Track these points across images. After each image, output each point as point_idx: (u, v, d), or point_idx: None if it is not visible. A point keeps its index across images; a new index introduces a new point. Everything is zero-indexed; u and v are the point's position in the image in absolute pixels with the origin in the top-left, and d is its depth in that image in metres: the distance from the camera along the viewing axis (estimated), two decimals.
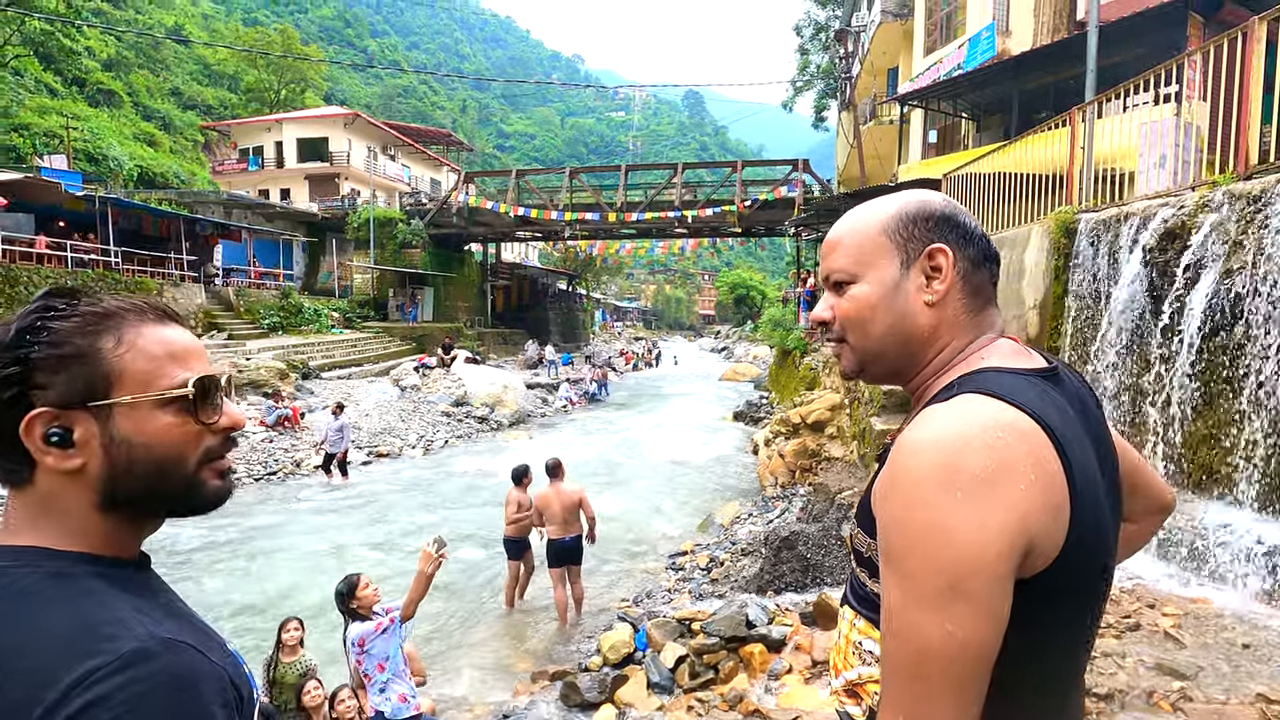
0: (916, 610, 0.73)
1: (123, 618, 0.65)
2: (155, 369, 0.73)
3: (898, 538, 0.76)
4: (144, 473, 0.72)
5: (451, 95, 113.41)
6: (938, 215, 0.90)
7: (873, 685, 0.88)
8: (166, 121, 38.08)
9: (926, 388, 0.91)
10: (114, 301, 0.75)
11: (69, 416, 0.70)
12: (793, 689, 3.99)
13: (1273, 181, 3.44)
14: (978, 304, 0.90)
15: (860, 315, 0.91)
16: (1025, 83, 12.15)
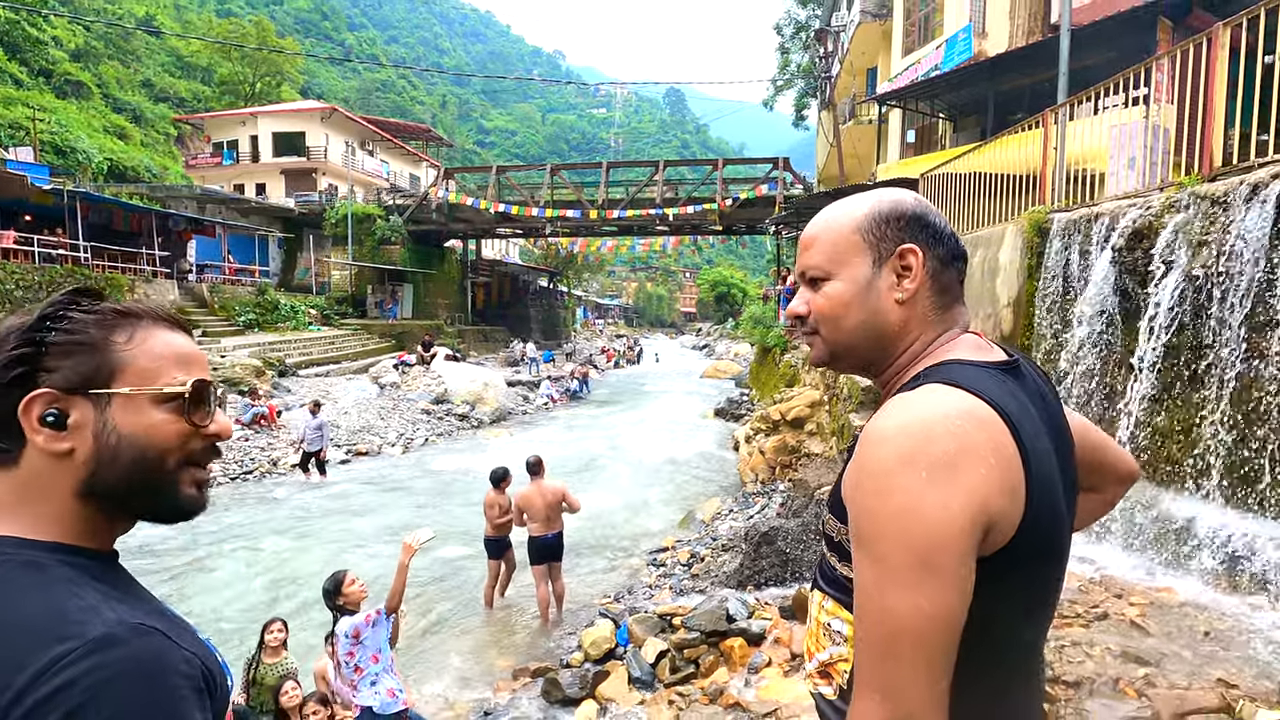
0: (889, 588, 0.76)
1: (93, 605, 0.66)
2: (158, 368, 0.76)
3: (869, 522, 0.79)
4: (126, 464, 0.74)
5: (431, 90, 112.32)
6: (909, 215, 0.93)
7: (842, 664, 0.92)
8: (137, 114, 37.28)
9: (895, 380, 0.95)
10: (136, 306, 0.79)
11: (68, 400, 0.72)
12: (772, 682, 4.04)
13: (1235, 183, 3.54)
14: (945, 301, 0.95)
15: (833, 311, 0.95)
16: (1001, 84, 12.34)
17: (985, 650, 0.82)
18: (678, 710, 4.05)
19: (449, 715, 4.66)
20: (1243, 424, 3.54)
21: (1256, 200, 3.34)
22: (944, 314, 0.94)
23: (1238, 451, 3.56)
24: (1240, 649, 2.79)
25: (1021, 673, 0.92)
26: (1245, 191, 3.42)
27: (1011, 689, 0.91)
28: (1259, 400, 3.45)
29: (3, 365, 0.72)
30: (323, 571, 6.83)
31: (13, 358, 0.72)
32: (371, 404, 16.02)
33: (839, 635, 0.93)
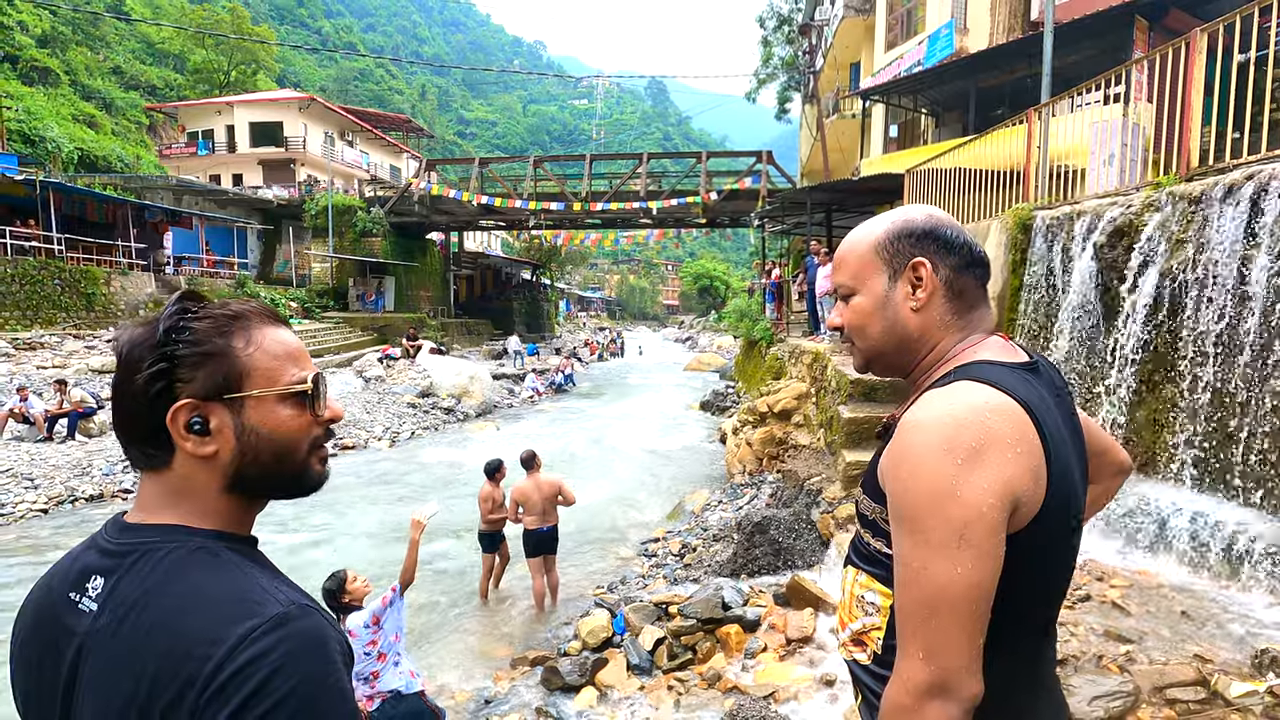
0: (931, 560, 0.87)
1: (264, 585, 0.76)
2: (278, 366, 0.83)
3: (910, 501, 0.90)
4: (266, 459, 0.82)
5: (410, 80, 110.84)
6: (919, 231, 1.05)
7: (875, 633, 1.03)
8: (108, 102, 36.36)
9: (924, 378, 1.07)
10: (238, 305, 0.84)
11: (207, 407, 0.79)
12: (768, 666, 4.16)
13: (1211, 184, 3.69)
14: (963, 306, 1.05)
15: (860, 322, 1.10)
16: (982, 80, 12.53)
17: (1008, 622, 0.92)
18: (677, 695, 4.15)
19: (450, 704, 4.72)
20: (1215, 415, 3.71)
21: (1231, 200, 3.49)
22: (964, 318, 1.05)
23: (1211, 441, 3.73)
24: (1215, 627, 2.95)
25: (1039, 645, 1.03)
26: (1221, 192, 3.57)
27: (1034, 660, 1.02)
28: (1231, 393, 3.62)
29: (146, 382, 0.78)
30: (310, 568, 6.86)
31: (153, 374, 0.78)
32: (356, 398, 15.93)
33: (872, 606, 1.04)
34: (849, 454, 5.88)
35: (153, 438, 0.79)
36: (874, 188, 12.10)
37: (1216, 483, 3.71)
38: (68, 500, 8.87)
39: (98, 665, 0.74)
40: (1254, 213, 3.35)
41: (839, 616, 1.14)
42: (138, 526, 0.80)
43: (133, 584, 0.75)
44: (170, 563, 0.75)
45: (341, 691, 0.73)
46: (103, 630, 0.74)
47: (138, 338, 0.80)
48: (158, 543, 0.77)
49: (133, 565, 0.76)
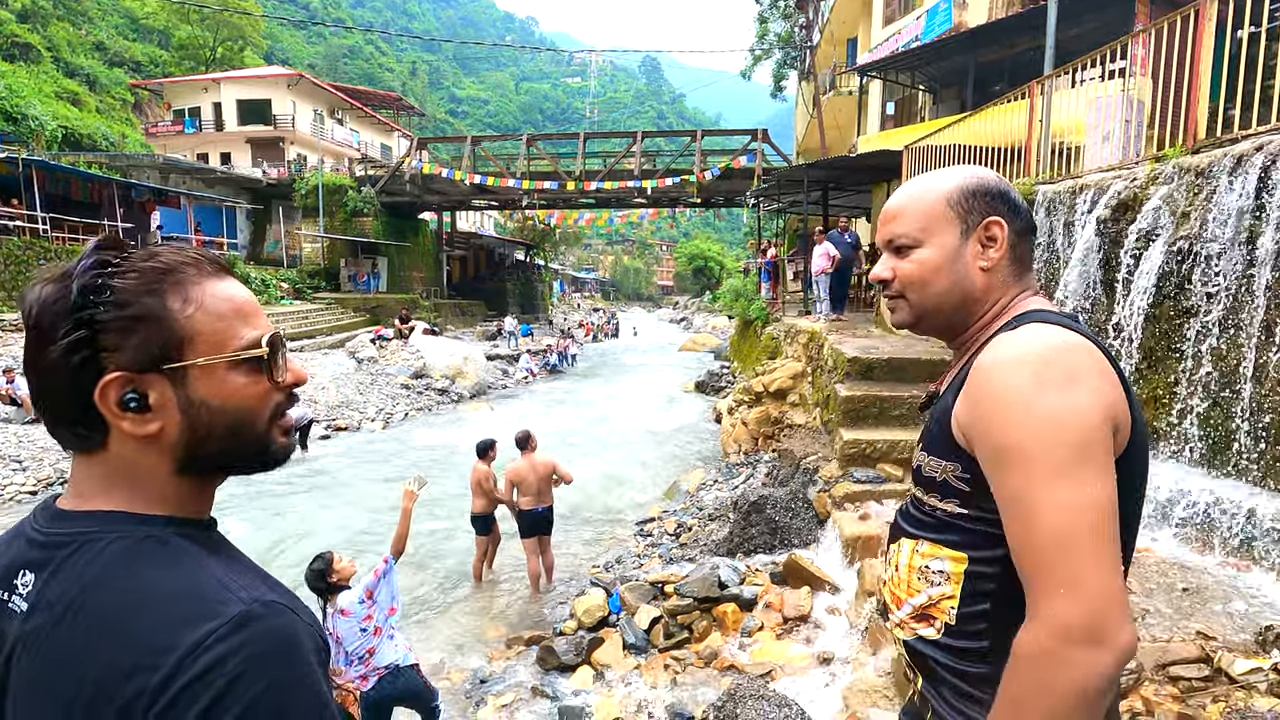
0: (1054, 485, 0.83)
1: (222, 580, 0.66)
2: (224, 328, 0.72)
3: (1015, 435, 0.86)
4: (220, 434, 0.72)
5: (400, 57, 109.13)
6: (994, 190, 1.03)
7: (947, 603, 0.98)
8: (91, 79, 35.61)
9: (975, 338, 1.04)
10: (171, 255, 0.72)
11: (144, 380, 0.68)
12: (765, 644, 4.15)
13: (1219, 155, 3.61)
14: (1021, 270, 1.05)
15: (923, 277, 1.05)
16: (981, 56, 12.36)
17: None
18: (674, 673, 4.14)
19: (445, 684, 4.69)
20: (1219, 391, 3.67)
21: (1240, 172, 3.42)
22: (1019, 281, 1.05)
23: (1214, 417, 3.69)
24: (1217, 604, 2.92)
25: None
26: (1230, 164, 3.49)
27: None
28: (1235, 368, 3.57)
29: (63, 353, 0.66)
30: (306, 548, 6.81)
31: (70, 344, 0.66)
32: (349, 379, 15.81)
33: (940, 575, 0.99)
34: (847, 432, 5.84)
35: (80, 417, 0.68)
36: (871, 165, 11.95)
37: (1219, 460, 3.67)
38: (57, 482, 8.78)
39: (31, 674, 0.65)
40: (1263, 184, 3.28)
41: (889, 594, 1.09)
42: (73, 514, 0.69)
43: (68, 581, 0.65)
44: (111, 555, 0.66)
45: (316, 696, 0.65)
46: (35, 634, 0.65)
47: (47, 298, 0.67)
48: (96, 533, 0.67)
49: (68, 559, 0.66)
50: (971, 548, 0.96)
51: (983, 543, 0.95)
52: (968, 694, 0.97)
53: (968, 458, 0.94)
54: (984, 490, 0.92)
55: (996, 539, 0.92)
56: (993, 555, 0.93)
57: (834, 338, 8.22)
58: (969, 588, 0.97)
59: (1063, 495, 0.81)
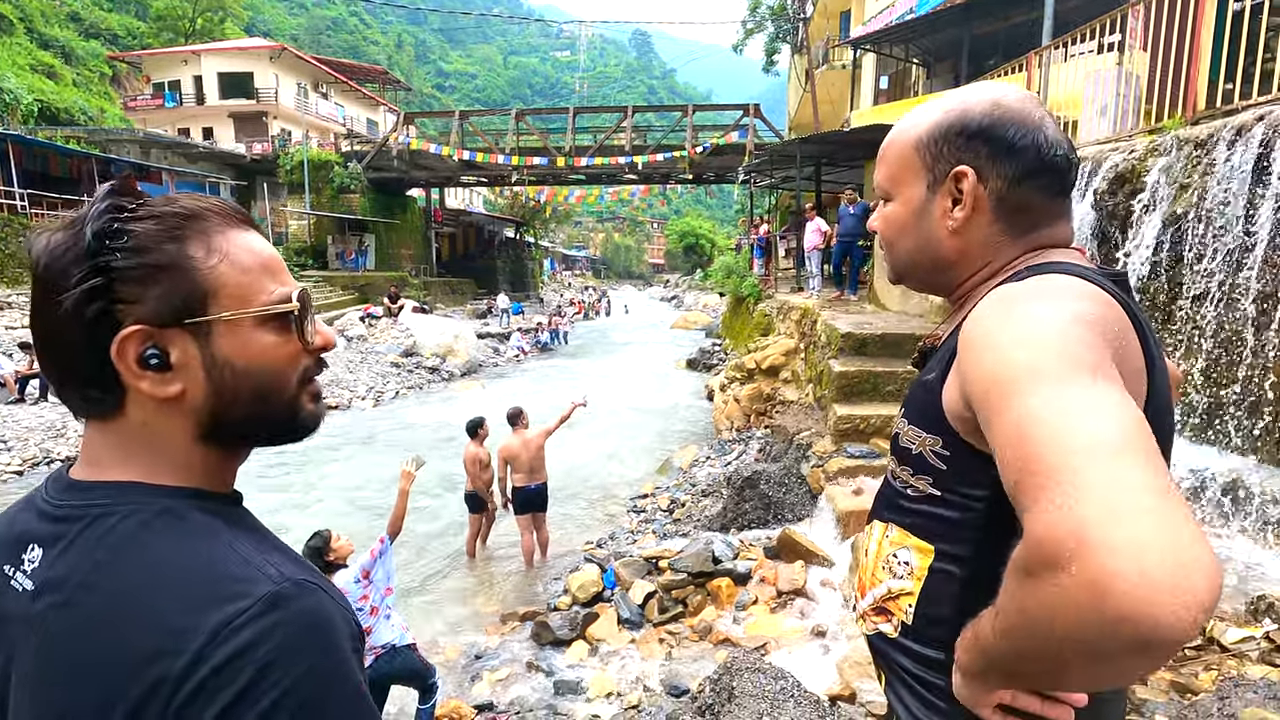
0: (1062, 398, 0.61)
1: (248, 557, 0.60)
2: (250, 281, 0.65)
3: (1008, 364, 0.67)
4: (247, 398, 0.66)
5: (385, 29, 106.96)
6: (973, 128, 0.83)
7: (905, 599, 0.87)
8: (67, 51, 34.65)
9: (971, 295, 0.89)
10: (192, 201, 0.66)
11: (165, 335, 0.62)
12: (759, 618, 4.18)
13: (1220, 126, 3.58)
14: (1024, 223, 0.85)
15: (890, 234, 0.93)
16: (976, 28, 12.22)
17: None
18: (668, 647, 4.16)
19: (440, 659, 4.70)
20: (1214, 361, 3.68)
21: (1240, 143, 3.39)
22: (1023, 238, 0.85)
23: (1206, 389, 3.71)
24: None
25: None
26: (1230, 134, 3.46)
27: None
28: (1230, 341, 3.57)
29: (77, 304, 0.59)
30: (291, 530, 6.78)
31: (85, 293, 0.59)
32: (339, 357, 15.68)
33: (904, 567, 0.88)
34: (840, 408, 5.85)
35: (95, 377, 0.62)
36: (864, 140, 11.85)
37: (1212, 432, 3.69)
38: (43, 462, 8.69)
39: (38, 661, 0.59)
40: (1264, 155, 3.25)
41: (858, 580, 0.99)
42: (86, 485, 0.64)
43: (79, 557, 0.59)
44: (126, 530, 0.60)
45: (354, 688, 0.60)
46: (42, 616, 0.59)
47: (57, 246, 0.61)
48: (110, 505, 0.61)
49: (80, 534, 0.60)
50: (940, 539, 0.83)
51: (951, 534, 0.82)
52: (930, 703, 0.84)
53: (951, 432, 0.80)
54: (961, 472, 0.80)
55: (966, 533, 0.80)
56: (961, 553, 0.81)
57: (827, 314, 8.21)
58: (931, 586, 0.84)
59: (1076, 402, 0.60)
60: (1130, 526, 0.52)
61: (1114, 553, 0.52)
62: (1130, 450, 0.57)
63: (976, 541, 0.80)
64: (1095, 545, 0.53)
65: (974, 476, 0.79)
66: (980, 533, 0.80)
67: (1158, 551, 0.51)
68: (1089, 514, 0.54)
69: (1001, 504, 0.73)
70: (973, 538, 0.81)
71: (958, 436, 0.80)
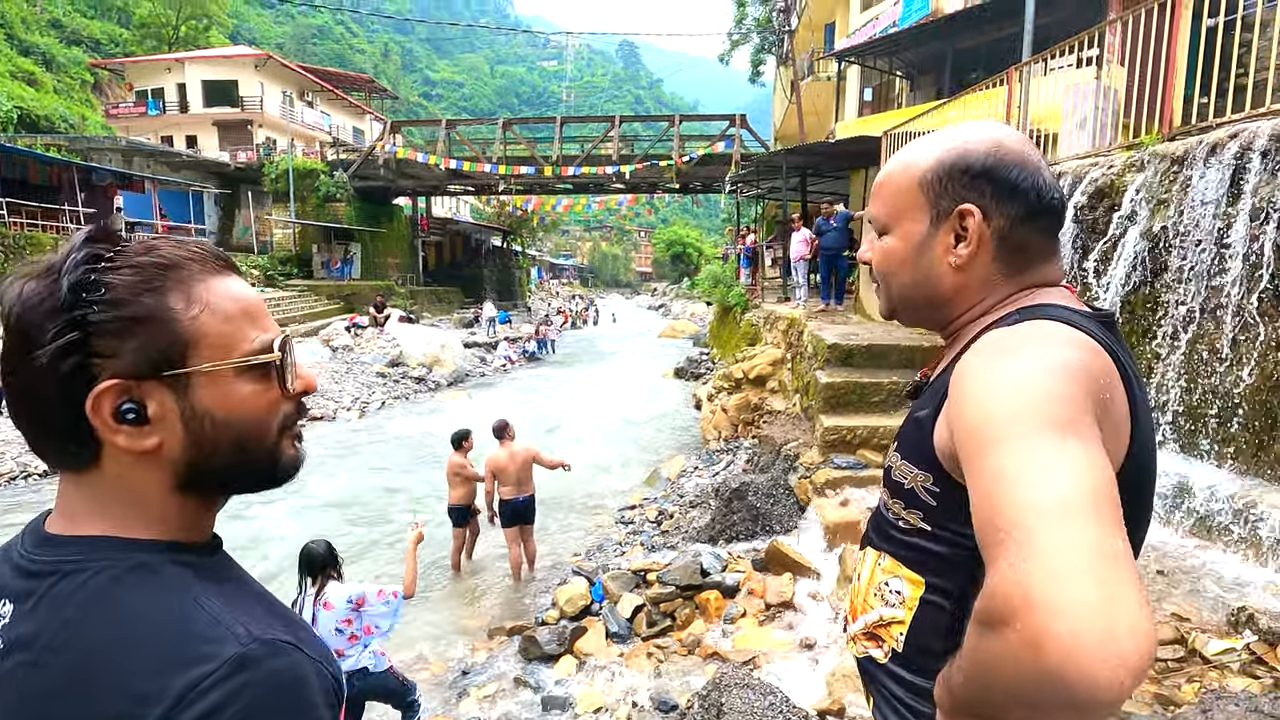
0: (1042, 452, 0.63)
1: (218, 615, 0.59)
2: (232, 331, 0.65)
3: (990, 413, 0.69)
4: (226, 449, 0.65)
5: (372, 38, 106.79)
6: (977, 168, 0.85)
7: (896, 627, 0.88)
8: (48, 58, 34.29)
9: (964, 332, 0.91)
10: (172, 249, 0.65)
11: (142, 388, 0.61)
12: (748, 631, 4.17)
13: (1195, 143, 3.65)
14: (1020, 262, 0.87)
15: (887, 267, 0.93)
16: (958, 42, 12.40)
17: None
18: (657, 662, 4.14)
19: (426, 675, 4.66)
20: (1192, 375, 3.73)
21: (1215, 159, 3.46)
22: (1018, 276, 0.87)
23: (1187, 401, 3.76)
24: (1189, 585, 2.99)
25: None
26: (1205, 151, 3.53)
27: None
28: (1208, 354, 3.63)
29: (52, 359, 0.58)
30: (275, 544, 6.70)
31: (60, 348, 0.58)
32: (324, 367, 15.55)
33: (896, 596, 0.89)
34: (826, 419, 5.87)
35: (69, 431, 0.61)
36: (849, 151, 11.97)
37: (1190, 445, 3.74)
38: (20, 476, 8.53)
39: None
40: (1238, 171, 3.32)
41: (850, 604, 1.00)
42: (60, 540, 0.63)
43: (49, 615, 0.58)
44: (97, 587, 0.59)
45: None
46: (11, 675, 0.58)
47: (30, 296, 0.60)
48: (83, 561, 0.60)
49: (50, 590, 0.59)
50: (930, 572, 0.85)
51: (941, 569, 0.84)
52: None
53: (941, 470, 0.82)
54: (951, 509, 0.81)
55: (956, 568, 0.81)
56: (950, 588, 0.83)
57: (813, 324, 8.25)
58: (921, 617, 0.86)
59: (1044, 460, 0.62)
60: (1070, 589, 0.55)
61: (1054, 613, 0.54)
62: (1085, 511, 0.59)
63: (965, 577, 0.81)
64: (1037, 604, 0.55)
65: (964, 514, 0.79)
66: (969, 569, 0.80)
67: (1092, 614, 0.54)
68: (1035, 574, 0.56)
69: None
70: (962, 574, 0.82)
71: (948, 475, 0.81)
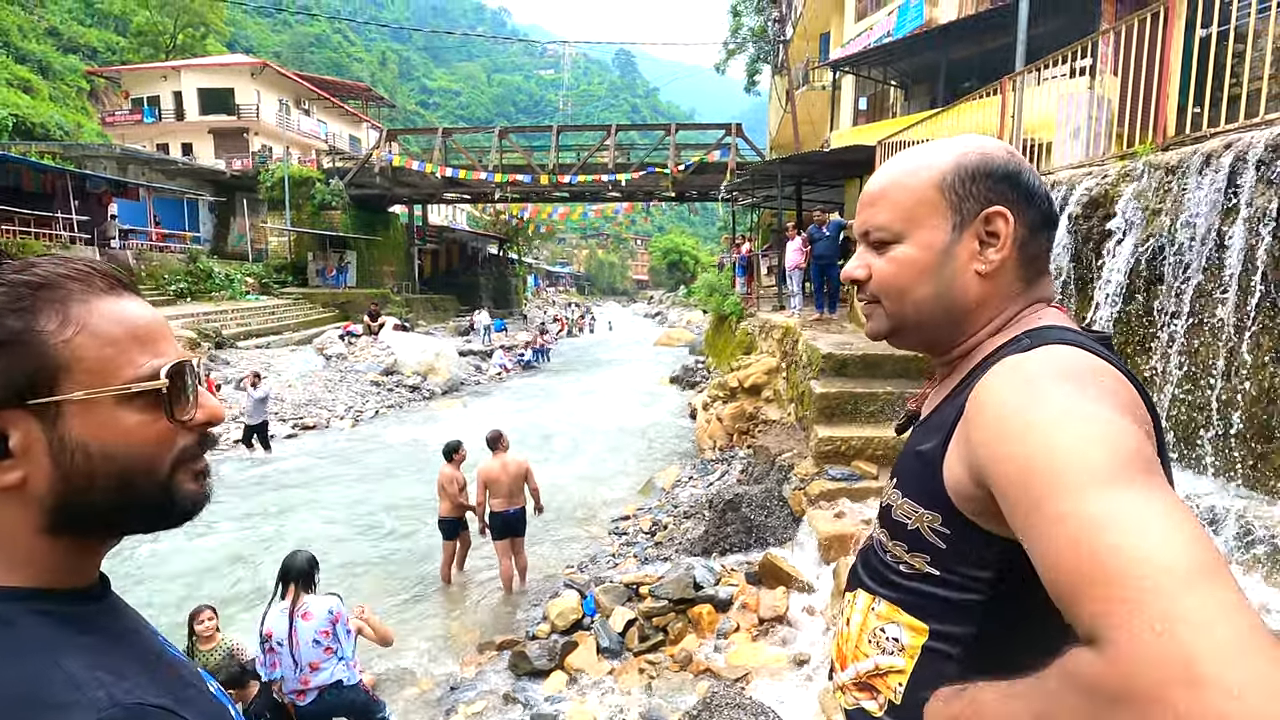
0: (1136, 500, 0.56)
1: (76, 679, 0.53)
2: (114, 355, 0.59)
3: (1043, 457, 0.62)
4: (105, 485, 0.59)
5: (369, 46, 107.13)
6: (1000, 172, 0.81)
7: (894, 677, 0.82)
8: (44, 66, 34.27)
9: (970, 355, 0.85)
10: (51, 267, 0.59)
11: (3, 419, 0.56)
12: (741, 647, 4.10)
13: (1189, 153, 3.63)
14: (1032, 273, 0.84)
15: (901, 280, 0.84)
16: (952, 52, 12.45)
17: None
18: (648, 678, 4.07)
19: (415, 691, 4.58)
20: (1187, 387, 3.70)
21: (1210, 169, 3.43)
22: (1029, 288, 0.84)
23: (1184, 416, 3.72)
24: None
25: None
26: (1199, 161, 3.51)
27: None
28: (1204, 366, 3.59)
29: None
30: (265, 553, 6.61)
31: None
32: (317, 376, 15.47)
33: (894, 644, 0.82)
34: (821, 429, 5.82)
35: None
36: (844, 160, 11.99)
37: (1187, 459, 3.70)
38: None
39: None
40: (1233, 181, 3.29)
41: (836, 648, 0.92)
42: None
43: None
44: None
45: None
46: None
47: None
48: None
49: None
50: (935, 619, 0.79)
51: (949, 615, 0.77)
52: None
53: (952, 509, 0.76)
54: (962, 552, 0.75)
55: (967, 613, 0.76)
56: (960, 632, 0.77)
57: (808, 333, 8.22)
58: (924, 666, 0.79)
59: (1130, 511, 0.55)
60: (1245, 669, 0.46)
61: (1226, 694, 0.45)
62: (1218, 572, 0.51)
63: (977, 624, 0.76)
64: (1208, 682, 0.46)
65: (978, 556, 0.75)
66: (982, 615, 0.76)
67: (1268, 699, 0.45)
68: (1200, 647, 0.47)
69: (1007, 586, 0.73)
70: (974, 620, 0.76)
71: (960, 515, 0.75)
